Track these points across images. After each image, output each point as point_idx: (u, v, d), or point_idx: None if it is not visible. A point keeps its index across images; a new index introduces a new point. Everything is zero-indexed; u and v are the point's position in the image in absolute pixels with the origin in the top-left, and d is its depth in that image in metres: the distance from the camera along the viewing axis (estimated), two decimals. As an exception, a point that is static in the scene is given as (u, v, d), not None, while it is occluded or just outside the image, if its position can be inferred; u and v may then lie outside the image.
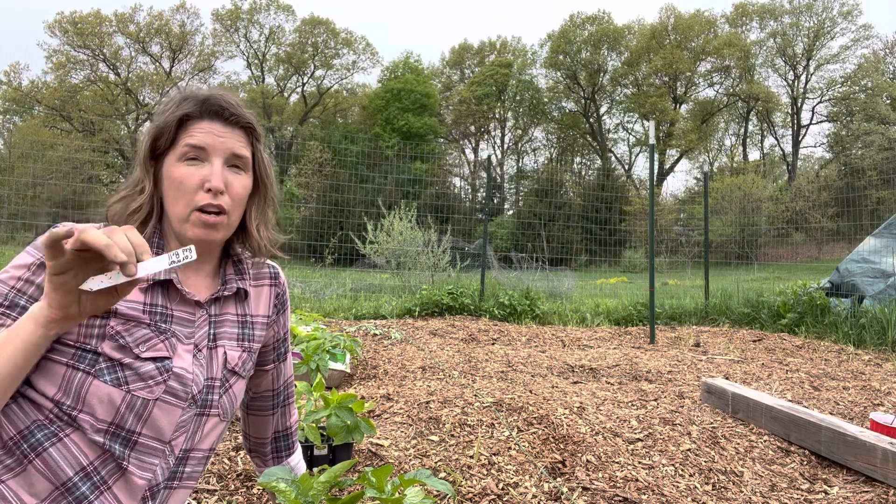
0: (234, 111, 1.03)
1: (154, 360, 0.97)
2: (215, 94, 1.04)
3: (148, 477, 0.97)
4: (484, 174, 31.49)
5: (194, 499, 1.84)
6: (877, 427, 2.63)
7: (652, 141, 5.97)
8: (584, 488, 2.01)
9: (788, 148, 43.84)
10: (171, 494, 1.04)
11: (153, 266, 0.77)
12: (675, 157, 45.78)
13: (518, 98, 47.51)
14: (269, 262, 1.23)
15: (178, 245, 1.04)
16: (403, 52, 51.77)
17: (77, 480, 0.92)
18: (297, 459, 1.38)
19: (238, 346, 1.11)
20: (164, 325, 1.00)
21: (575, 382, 3.66)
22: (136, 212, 1.01)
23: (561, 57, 44.71)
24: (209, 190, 0.99)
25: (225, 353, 1.08)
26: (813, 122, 43.01)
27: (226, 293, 1.10)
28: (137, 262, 0.75)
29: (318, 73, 45.92)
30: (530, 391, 3.23)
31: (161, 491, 1.01)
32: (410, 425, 2.57)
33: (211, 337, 1.07)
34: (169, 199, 1.01)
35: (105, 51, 39.82)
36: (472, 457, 2.22)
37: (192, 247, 0.82)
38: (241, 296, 1.14)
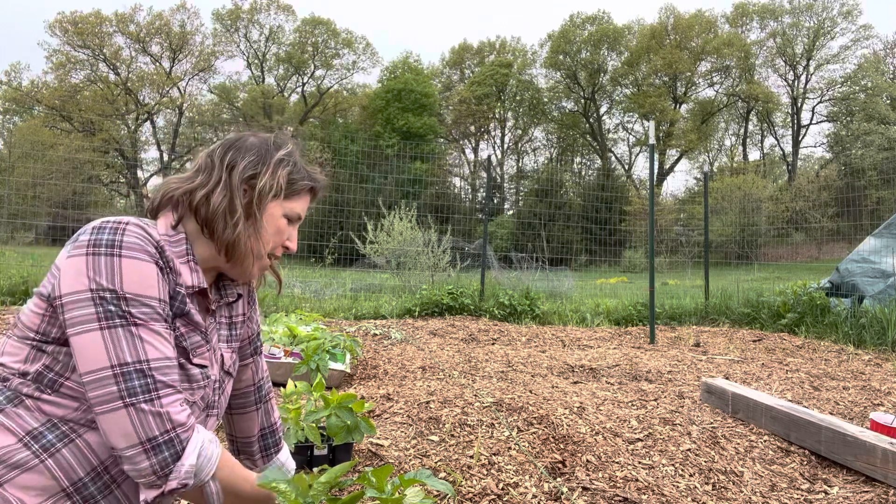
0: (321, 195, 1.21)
1: (199, 366, 1.02)
2: (324, 181, 1.18)
3: None
4: (484, 174, 31.48)
5: (194, 499, 1.84)
6: (877, 427, 2.63)
7: (652, 141, 5.97)
8: (584, 488, 2.01)
9: (788, 148, 43.85)
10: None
11: None
12: (675, 157, 45.76)
13: (518, 98, 47.48)
14: None
15: (209, 255, 1.07)
16: (403, 52, 51.75)
17: (87, 481, 0.92)
18: (286, 456, 1.40)
19: (228, 348, 1.16)
20: (210, 335, 1.07)
21: (575, 382, 3.66)
22: (227, 216, 1.05)
23: (561, 57, 44.67)
24: (286, 248, 1.14)
25: (221, 355, 1.13)
26: (813, 122, 43.01)
27: (230, 299, 1.16)
28: None
29: (319, 73, 45.95)
30: (530, 391, 3.23)
31: None
32: (410, 425, 2.56)
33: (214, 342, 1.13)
34: (260, 235, 1.07)
35: (105, 51, 39.81)
36: (472, 457, 2.22)
37: None
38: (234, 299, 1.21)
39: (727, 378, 3.88)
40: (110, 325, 0.87)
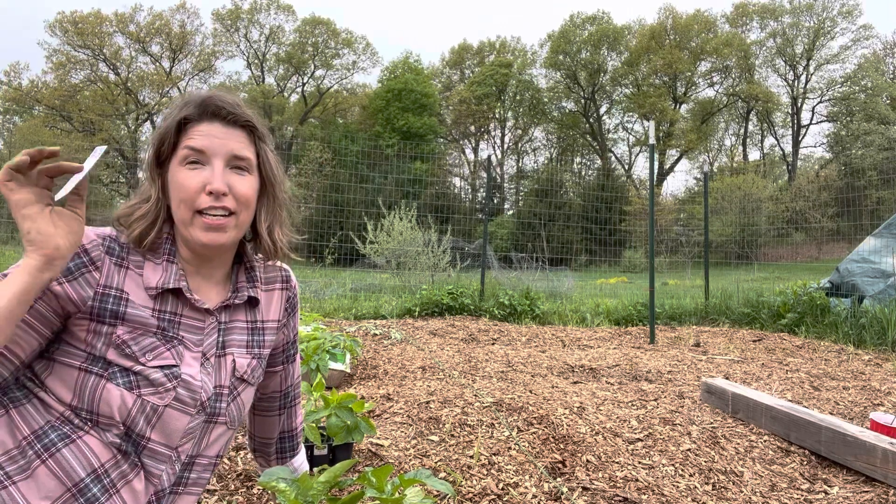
0: (232, 110, 1.01)
1: (162, 367, 0.97)
2: (214, 94, 1.01)
3: (154, 482, 0.98)
4: (484, 174, 31.49)
5: (194, 499, 1.84)
6: (877, 427, 2.63)
7: (652, 141, 5.97)
8: (584, 488, 2.01)
9: (788, 148, 43.86)
10: (177, 500, 1.04)
11: (89, 162, 0.88)
12: (675, 157, 45.77)
13: (518, 98, 47.50)
14: (280, 264, 1.21)
15: (187, 252, 1.04)
16: (403, 52, 51.75)
17: (89, 482, 0.92)
18: (301, 460, 1.38)
19: (247, 354, 1.10)
20: (170, 333, 0.99)
21: (575, 382, 3.66)
22: (142, 218, 0.99)
23: (561, 57, 44.68)
24: (211, 193, 0.96)
25: (234, 360, 1.07)
26: (813, 122, 43.03)
27: (237, 301, 1.09)
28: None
29: (319, 73, 45.96)
30: (530, 391, 3.23)
31: (167, 496, 1.01)
32: (410, 425, 2.56)
33: (220, 344, 1.06)
34: (174, 204, 0.99)
35: (105, 51, 39.84)
36: (472, 457, 2.22)
37: (104, 147, 0.90)
38: (252, 303, 1.13)
39: (727, 378, 3.88)
40: None
